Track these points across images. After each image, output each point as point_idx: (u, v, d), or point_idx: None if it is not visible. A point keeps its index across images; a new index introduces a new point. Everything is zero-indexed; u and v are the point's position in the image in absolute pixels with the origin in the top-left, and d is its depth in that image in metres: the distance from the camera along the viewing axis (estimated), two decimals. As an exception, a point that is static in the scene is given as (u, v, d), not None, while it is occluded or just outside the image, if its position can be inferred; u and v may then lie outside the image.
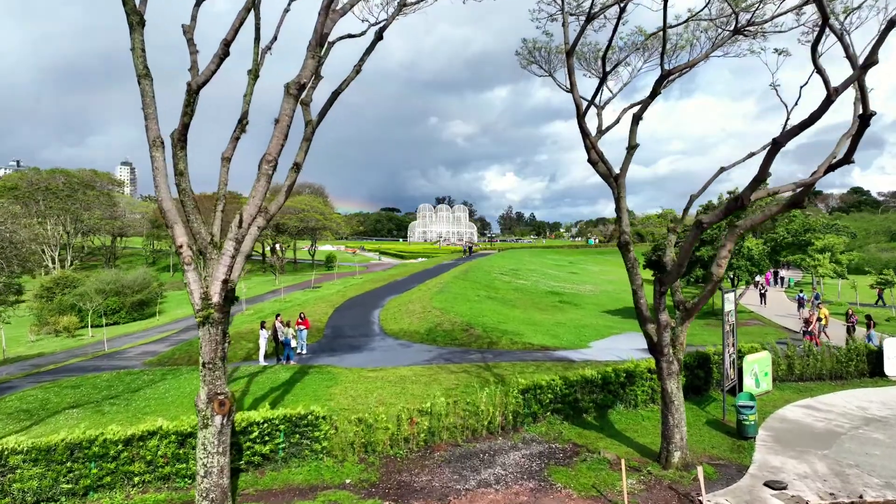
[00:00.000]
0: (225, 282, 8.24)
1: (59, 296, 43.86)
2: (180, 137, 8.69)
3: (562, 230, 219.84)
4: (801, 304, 32.02)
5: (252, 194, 8.36)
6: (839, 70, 8.34)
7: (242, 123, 9.88)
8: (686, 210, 11.50)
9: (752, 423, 12.30)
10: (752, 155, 10.73)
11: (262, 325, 19.92)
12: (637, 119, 10.16)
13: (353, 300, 33.63)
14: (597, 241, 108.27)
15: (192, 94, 8.32)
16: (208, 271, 8.56)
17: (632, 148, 10.38)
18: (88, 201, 61.28)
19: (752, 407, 12.40)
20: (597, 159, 11.34)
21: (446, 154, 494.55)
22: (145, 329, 37.16)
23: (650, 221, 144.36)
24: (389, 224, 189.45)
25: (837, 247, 39.74)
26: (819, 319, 23.35)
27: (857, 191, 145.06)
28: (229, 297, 9.18)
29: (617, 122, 12.06)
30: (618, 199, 10.63)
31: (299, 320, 21.50)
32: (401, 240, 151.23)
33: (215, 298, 8.14)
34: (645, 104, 10.08)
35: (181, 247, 8.05)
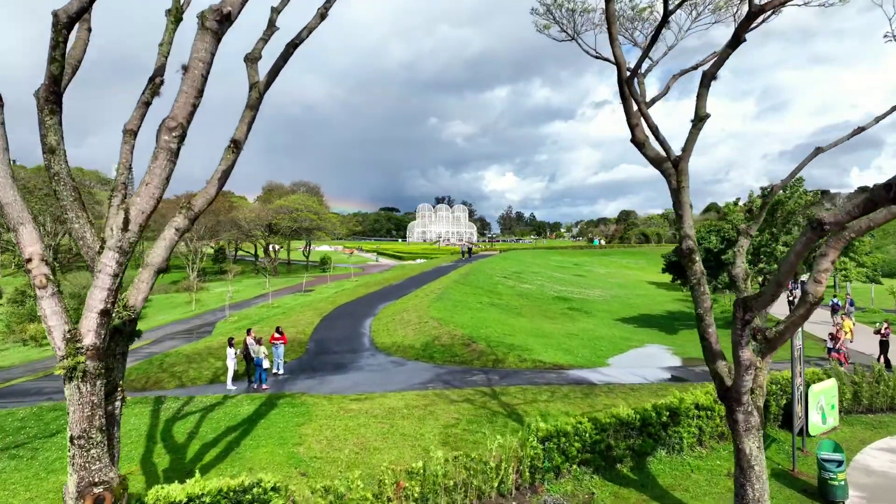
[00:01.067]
0: (105, 313, 5.39)
1: (31, 301, 40.92)
2: (48, 97, 5.85)
3: (562, 230, 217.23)
4: (834, 310, 29.24)
5: (146, 180, 5.52)
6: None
7: (155, 83, 7.05)
8: (765, 205, 8.67)
9: (842, 483, 9.46)
10: (861, 130, 7.89)
11: (230, 343, 17.05)
12: (710, 78, 7.32)
13: (344, 308, 30.75)
14: (601, 241, 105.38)
15: (60, 29, 5.47)
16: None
17: (700, 120, 7.54)
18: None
19: (840, 462, 9.58)
20: (644, 139, 8.50)
21: (446, 154, 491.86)
22: (119, 338, 34.31)
23: (653, 221, 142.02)
24: (388, 224, 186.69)
25: (862, 248, 36.92)
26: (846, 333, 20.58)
27: (864, 190, 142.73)
28: (126, 332, 6.34)
29: (666, 91, 9.23)
30: (678, 191, 7.79)
31: (275, 335, 18.65)
32: (400, 240, 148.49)
33: (88, 339, 5.30)
34: (722, 56, 7.24)
35: (30, 260, 5.20)
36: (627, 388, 16.65)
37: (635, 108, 8.64)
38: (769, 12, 7.13)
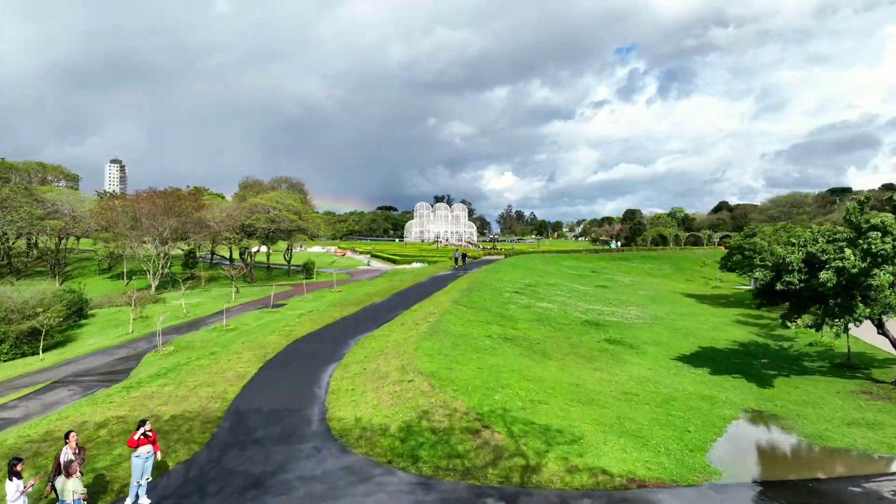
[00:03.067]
0: None
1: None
2: None
3: (564, 229, 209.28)
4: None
5: None
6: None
7: None
8: None
9: None
10: None
11: (12, 471, 8.73)
12: None
13: (300, 344, 22.34)
14: (619, 244, 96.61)
15: None
16: None
17: None
18: (2, 198, 49.93)
19: None
20: None
21: (445, 154, 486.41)
22: (14, 377, 25.97)
23: (660, 220, 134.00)
24: (386, 223, 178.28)
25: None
26: None
27: (889, 187, 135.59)
28: None
29: None
30: None
31: (136, 436, 10.33)
32: (397, 240, 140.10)
33: None
34: None
35: None
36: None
37: None
38: None
